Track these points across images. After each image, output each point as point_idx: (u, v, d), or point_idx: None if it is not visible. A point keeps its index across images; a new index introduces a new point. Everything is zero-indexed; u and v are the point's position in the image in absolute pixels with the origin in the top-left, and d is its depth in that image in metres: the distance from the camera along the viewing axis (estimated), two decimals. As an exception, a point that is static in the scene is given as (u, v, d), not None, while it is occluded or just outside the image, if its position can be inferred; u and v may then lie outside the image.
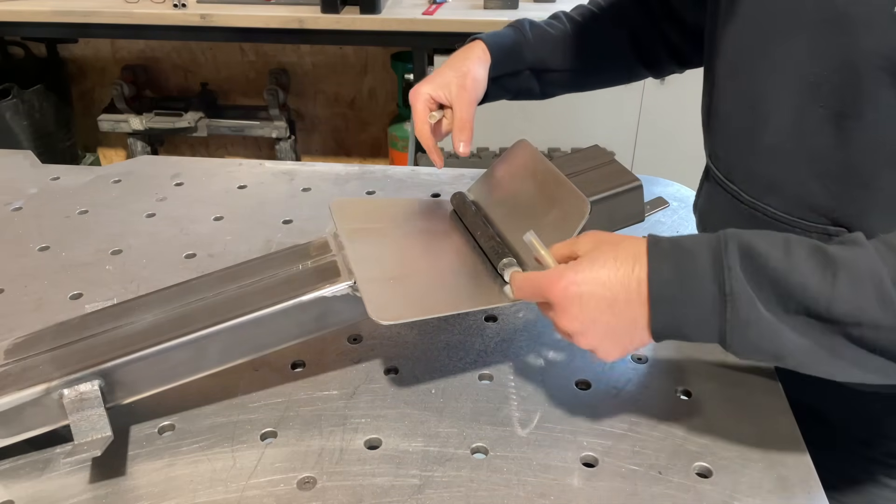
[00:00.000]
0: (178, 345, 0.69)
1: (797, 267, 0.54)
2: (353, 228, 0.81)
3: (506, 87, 0.95)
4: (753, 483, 0.66)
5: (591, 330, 0.61)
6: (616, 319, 0.60)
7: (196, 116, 2.82)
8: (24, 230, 1.05)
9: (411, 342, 0.83)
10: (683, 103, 2.28)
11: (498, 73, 0.92)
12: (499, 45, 0.92)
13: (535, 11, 2.27)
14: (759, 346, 0.56)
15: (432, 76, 0.89)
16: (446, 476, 0.66)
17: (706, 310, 0.56)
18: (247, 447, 0.70)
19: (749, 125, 0.74)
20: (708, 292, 0.56)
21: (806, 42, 0.67)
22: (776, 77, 0.70)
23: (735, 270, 0.55)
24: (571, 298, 0.60)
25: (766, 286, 0.55)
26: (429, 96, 0.88)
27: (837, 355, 0.55)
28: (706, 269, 0.56)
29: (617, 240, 0.62)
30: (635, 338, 0.61)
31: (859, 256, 0.54)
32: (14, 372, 0.70)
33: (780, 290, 0.54)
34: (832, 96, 0.66)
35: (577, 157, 0.84)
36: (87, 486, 0.67)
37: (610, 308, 0.59)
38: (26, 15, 2.35)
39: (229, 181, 1.18)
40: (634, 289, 0.58)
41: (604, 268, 0.60)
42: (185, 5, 2.30)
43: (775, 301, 0.55)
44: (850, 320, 0.53)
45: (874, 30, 0.61)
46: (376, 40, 2.45)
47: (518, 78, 0.95)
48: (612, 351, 0.63)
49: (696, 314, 0.57)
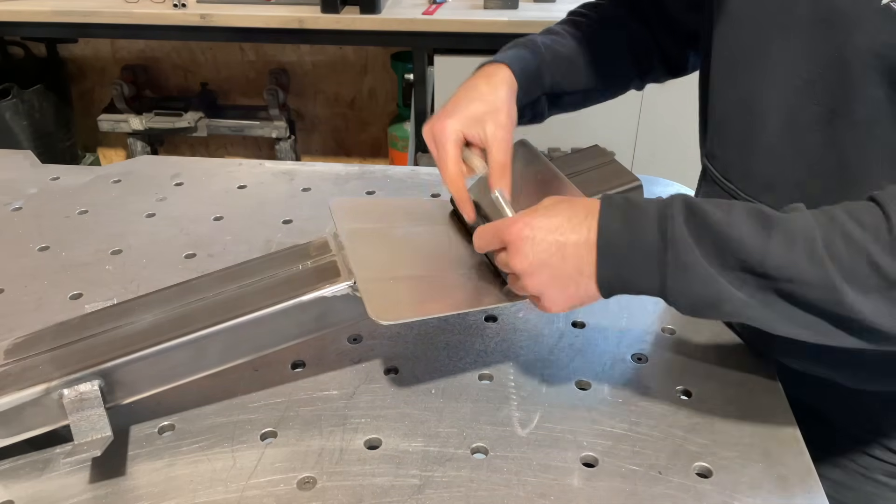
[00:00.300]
0: (178, 345, 0.69)
1: (736, 223, 0.57)
2: (352, 228, 0.81)
3: (522, 115, 0.85)
4: (753, 483, 0.66)
5: (539, 272, 0.63)
6: (564, 263, 0.62)
7: (196, 116, 2.82)
8: (24, 230, 1.05)
9: (411, 342, 0.83)
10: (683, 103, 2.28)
11: (523, 102, 0.83)
12: (525, 73, 0.82)
13: (535, 11, 2.28)
14: (697, 294, 0.58)
15: (457, 107, 0.77)
16: (446, 476, 0.66)
17: (649, 255, 0.59)
18: (247, 447, 0.70)
19: (745, 124, 0.74)
20: (651, 238, 0.59)
21: (800, 40, 0.67)
22: (771, 76, 0.70)
23: (678, 220, 0.58)
24: (525, 238, 0.63)
25: (706, 238, 0.57)
26: (461, 134, 0.76)
27: (771, 309, 0.57)
28: (652, 219, 0.59)
29: (575, 199, 0.66)
30: (581, 287, 0.63)
31: (796, 218, 0.57)
32: (14, 372, 0.70)
33: (720, 243, 0.57)
34: (825, 94, 0.66)
35: (577, 157, 0.84)
36: (87, 486, 0.67)
37: (559, 251, 0.62)
38: (26, 15, 2.35)
39: (229, 181, 1.18)
40: (584, 235, 0.62)
41: (558, 216, 0.63)
42: (185, 5, 2.29)
43: (714, 254, 0.57)
44: (782, 275, 0.55)
45: (864, 25, 0.61)
46: (376, 40, 2.45)
47: (536, 104, 0.87)
48: (556, 299, 0.65)
49: (639, 260, 0.60)
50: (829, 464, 0.84)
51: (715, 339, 0.84)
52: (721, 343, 0.83)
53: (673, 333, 0.84)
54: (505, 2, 2.28)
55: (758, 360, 0.80)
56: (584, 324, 0.86)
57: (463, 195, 0.78)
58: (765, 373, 0.78)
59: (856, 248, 0.54)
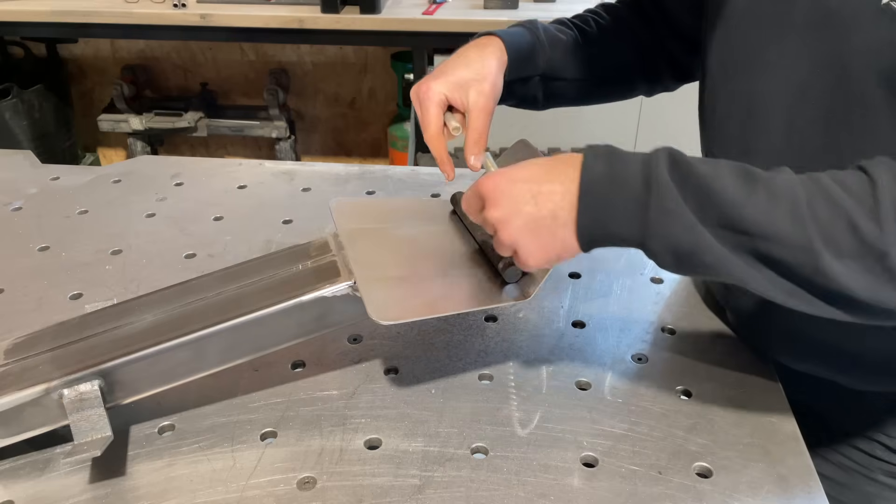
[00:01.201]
0: (178, 345, 0.69)
1: (720, 175, 0.56)
2: (352, 228, 0.81)
3: (513, 93, 0.87)
4: (753, 483, 0.66)
5: (512, 219, 0.63)
6: (537, 209, 0.62)
7: (196, 116, 2.82)
8: (24, 230, 1.05)
9: (411, 342, 0.83)
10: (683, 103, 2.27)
11: (512, 77, 0.84)
12: (517, 47, 0.84)
13: (534, 11, 2.27)
14: (677, 242, 0.57)
15: (444, 71, 0.80)
16: (446, 476, 0.66)
17: (631, 198, 0.58)
18: (247, 447, 0.70)
19: (743, 127, 0.74)
20: (634, 183, 0.58)
21: (797, 42, 0.67)
22: (769, 78, 0.70)
23: (662, 167, 0.58)
24: (500, 189, 0.64)
25: (689, 187, 0.57)
26: (444, 97, 0.78)
27: (749, 267, 0.57)
28: (636, 165, 0.59)
29: (559, 156, 0.64)
30: (557, 235, 0.62)
31: (781, 178, 0.56)
32: (14, 372, 0.70)
33: (702, 193, 0.56)
34: (824, 95, 0.66)
35: (577, 157, 0.83)
36: (87, 486, 0.67)
37: (533, 198, 0.62)
38: (26, 15, 2.35)
39: (229, 181, 1.18)
40: (563, 184, 0.61)
41: (534, 166, 0.64)
42: (185, 5, 2.29)
43: (696, 204, 0.56)
44: (760, 232, 0.55)
45: (862, 26, 0.61)
46: (376, 40, 2.45)
47: (528, 84, 0.88)
48: (531, 249, 0.64)
49: (621, 204, 0.59)
50: (829, 464, 0.84)
51: (715, 339, 0.84)
52: (721, 343, 0.83)
53: (673, 333, 0.84)
54: (505, 2, 2.28)
55: (758, 360, 0.80)
56: (584, 324, 0.86)
57: (443, 155, 0.80)
58: (765, 373, 0.78)
59: (837, 210, 0.54)
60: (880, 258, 0.52)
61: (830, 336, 0.73)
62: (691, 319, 0.87)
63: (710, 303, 0.90)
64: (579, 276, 0.94)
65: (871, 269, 0.53)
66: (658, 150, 0.60)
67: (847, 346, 0.74)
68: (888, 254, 0.52)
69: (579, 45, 0.90)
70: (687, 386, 0.77)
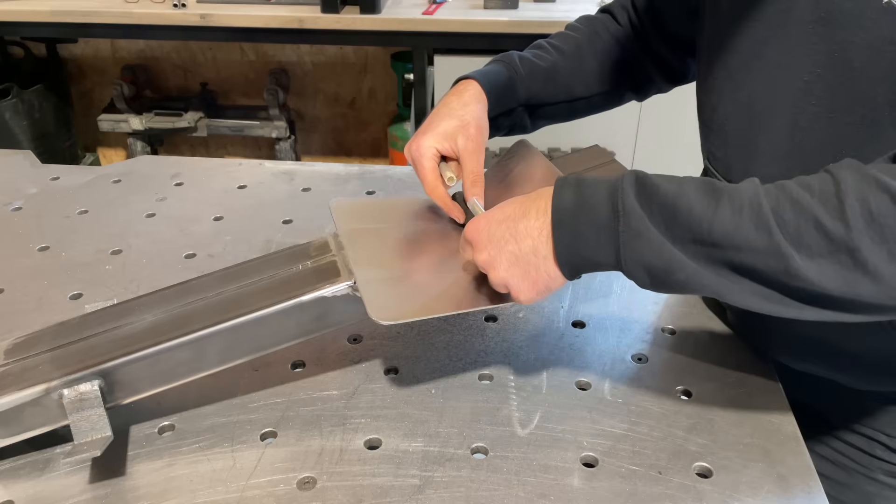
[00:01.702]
0: (178, 345, 0.69)
1: (685, 194, 0.58)
2: (352, 228, 0.81)
3: (499, 126, 0.91)
4: (753, 483, 0.66)
5: (499, 261, 0.66)
6: (519, 246, 0.65)
7: (196, 116, 2.82)
8: (24, 230, 1.05)
9: (411, 342, 0.83)
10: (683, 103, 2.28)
11: (494, 113, 0.88)
12: (493, 85, 0.88)
13: (534, 11, 2.28)
14: (650, 262, 0.59)
15: (430, 125, 0.84)
16: (446, 476, 0.66)
17: (602, 226, 0.61)
18: (247, 447, 0.70)
19: (746, 126, 0.74)
20: (603, 210, 0.61)
21: (798, 41, 0.67)
22: (771, 77, 0.70)
23: (628, 192, 0.60)
24: (483, 232, 0.67)
25: (656, 209, 0.58)
26: (435, 150, 0.82)
27: (724, 279, 0.58)
28: (603, 193, 0.61)
29: (534, 192, 0.67)
30: (541, 270, 0.65)
31: (745, 188, 0.57)
32: (14, 372, 0.70)
33: (668, 213, 0.58)
34: (825, 94, 0.66)
35: (577, 157, 0.84)
36: (87, 486, 0.67)
37: (513, 236, 0.65)
38: (26, 15, 2.35)
39: (229, 181, 1.18)
40: (537, 219, 0.64)
41: (511, 205, 0.67)
42: (185, 5, 2.29)
43: (664, 224, 0.58)
44: (729, 243, 0.56)
45: (866, 24, 0.61)
46: (376, 40, 2.45)
47: (512, 115, 0.91)
48: (521, 286, 0.66)
49: (592, 233, 0.61)
50: (829, 463, 0.84)
51: (715, 339, 0.84)
52: (721, 343, 0.83)
53: (673, 333, 0.85)
54: (505, 2, 2.28)
55: (758, 360, 0.80)
56: (584, 324, 0.86)
57: (446, 202, 0.84)
58: (765, 373, 0.78)
59: (803, 212, 0.54)
60: (851, 253, 0.53)
61: (830, 336, 0.73)
62: (691, 319, 0.87)
63: (710, 303, 0.90)
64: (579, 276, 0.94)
65: (844, 264, 0.53)
66: (624, 174, 0.61)
67: (847, 346, 0.74)
68: (858, 248, 0.52)
69: (558, 69, 0.92)
70: (687, 386, 0.77)
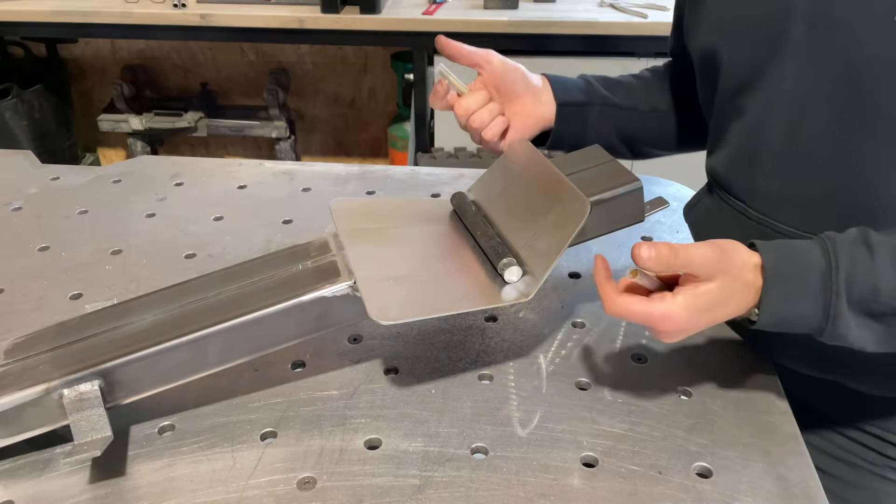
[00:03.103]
0: (178, 345, 0.69)
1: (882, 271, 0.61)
2: (353, 228, 0.81)
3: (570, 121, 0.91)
4: (753, 483, 0.66)
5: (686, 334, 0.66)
6: (711, 322, 0.64)
7: (196, 116, 2.82)
8: (24, 230, 1.05)
9: (411, 342, 0.83)
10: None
11: (564, 98, 0.89)
12: (558, 76, 0.91)
13: (535, 11, 2.28)
14: (844, 340, 0.63)
15: None
16: (446, 476, 0.66)
17: (811, 328, 0.64)
18: (247, 447, 0.70)
19: (748, 144, 0.74)
20: (814, 320, 0.63)
21: (797, 59, 0.67)
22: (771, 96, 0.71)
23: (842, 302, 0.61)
24: (681, 326, 0.64)
25: (858, 300, 0.61)
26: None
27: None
28: (816, 306, 0.62)
29: (735, 272, 0.62)
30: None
31: None
32: (14, 372, 0.70)
33: (871, 303, 0.61)
34: (834, 106, 0.66)
35: (577, 157, 0.84)
36: (87, 486, 0.67)
37: (710, 322, 0.64)
38: (26, 15, 2.35)
39: (229, 181, 1.18)
40: (736, 311, 0.64)
41: (714, 295, 0.62)
42: (185, 5, 2.30)
43: (865, 309, 0.62)
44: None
45: (876, 37, 0.61)
46: (376, 40, 2.45)
47: (587, 111, 0.91)
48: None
49: (800, 323, 0.64)
50: (835, 460, 0.84)
51: (715, 339, 0.84)
52: (721, 343, 0.83)
53: (673, 333, 0.84)
54: (505, 2, 2.28)
55: (758, 360, 0.80)
56: (584, 324, 0.86)
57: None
58: (765, 372, 0.78)
59: None
60: None
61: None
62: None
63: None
64: (579, 276, 0.94)
65: None
66: (838, 279, 0.61)
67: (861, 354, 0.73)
68: None
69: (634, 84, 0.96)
70: (687, 386, 0.77)
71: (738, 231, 0.77)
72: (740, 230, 0.77)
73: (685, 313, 0.62)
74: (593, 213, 0.72)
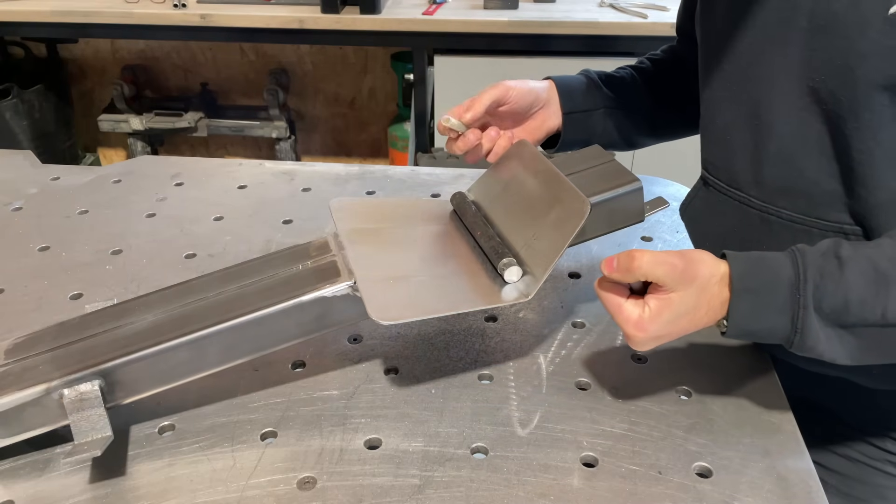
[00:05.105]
0: (178, 345, 0.69)
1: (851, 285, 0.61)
2: (352, 228, 0.81)
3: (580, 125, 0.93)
4: (753, 483, 0.66)
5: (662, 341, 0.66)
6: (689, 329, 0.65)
7: (196, 116, 2.83)
8: (24, 230, 1.05)
9: (411, 342, 0.83)
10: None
11: (570, 107, 0.91)
12: (564, 79, 0.92)
13: (535, 11, 2.28)
14: (814, 352, 0.63)
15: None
16: (446, 476, 0.66)
17: (778, 337, 0.64)
18: (247, 447, 0.70)
19: (753, 134, 0.74)
20: (783, 331, 0.63)
21: (799, 50, 0.68)
22: (775, 86, 0.71)
23: (811, 317, 0.62)
24: (650, 333, 0.64)
25: (828, 312, 0.62)
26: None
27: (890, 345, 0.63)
28: (784, 318, 0.63)
29: (700, 283, 0.63)
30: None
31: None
32: (14, 372, 0.70)
33: (841, 315, 0.61)
34: (830, 100, 0.66)
35: (577, 157, 0.84)
36: (87, 486, 0.67)
37: (687, 328, 0.65)
38: (26, 15, 2.35)
39: (229, 181, 1.18)
40: (708, 317, 0.65)
41: (685, 308, 0.64)
42: (185, 5, 2.30)
43: (836, 322, 0.62)
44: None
45: (869, 33, 0.62)
46: (376, 40, 2.45)
47: (592, 116, 0.93)
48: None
49: (767, 334, 0.64)
50: (839, 457, 0.84)
51: (715, 339, 0.84)
52: (721, 343, 0.83)
53: (673, 333, 0.84)
54: (505, 2, 2.28)
55: (758, 359, 0.80)
56: (584, 324, 0.86)
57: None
58: (765, 372, 0.78)
59: None
60: None
61: None
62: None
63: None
64: (579, 276, 0.94)
65: None
66: (805, 292, 0.62)
67: None
68: None
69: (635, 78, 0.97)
70: (687, 386, 0.77)
71: (739, 223, 0.77)
72: (742, 221, 0.77)
73: (652, 323, 0.64)
74: (593, 213, 0.72)
